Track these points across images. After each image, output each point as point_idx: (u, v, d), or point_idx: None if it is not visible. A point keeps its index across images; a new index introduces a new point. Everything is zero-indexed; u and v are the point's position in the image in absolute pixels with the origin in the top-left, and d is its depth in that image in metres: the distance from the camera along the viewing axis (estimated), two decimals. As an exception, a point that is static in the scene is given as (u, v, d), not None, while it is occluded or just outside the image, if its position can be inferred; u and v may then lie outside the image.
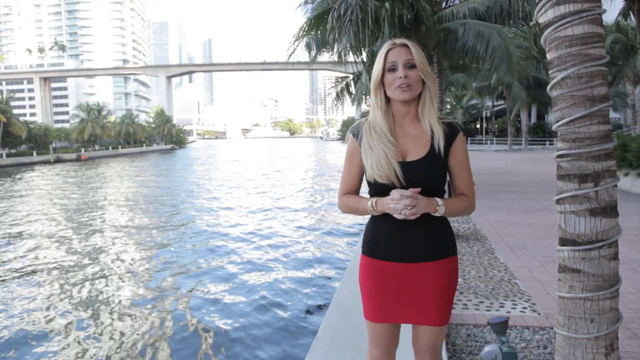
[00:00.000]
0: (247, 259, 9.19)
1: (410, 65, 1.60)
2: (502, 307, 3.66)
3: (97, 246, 10.63)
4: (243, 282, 7.76)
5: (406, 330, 1.81)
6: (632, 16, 15.49)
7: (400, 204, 1.52)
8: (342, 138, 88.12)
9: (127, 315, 6.38)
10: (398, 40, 1.63)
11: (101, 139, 65.25)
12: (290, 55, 11.34)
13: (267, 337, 5.55)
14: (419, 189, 1.55)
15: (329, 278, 7.82)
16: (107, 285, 7.77)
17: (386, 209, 1.57)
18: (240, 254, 9.60)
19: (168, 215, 14.87)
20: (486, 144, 41.46)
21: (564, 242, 1.75)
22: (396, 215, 1.55)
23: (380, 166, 1.60)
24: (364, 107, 23.71)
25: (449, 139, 1.64)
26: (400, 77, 1.59)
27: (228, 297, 7.05)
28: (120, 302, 6.92)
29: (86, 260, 9.38)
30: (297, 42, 11.21)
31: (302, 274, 8.07)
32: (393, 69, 1.61)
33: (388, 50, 1.63)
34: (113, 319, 6.26)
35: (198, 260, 9.20)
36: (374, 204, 1.62)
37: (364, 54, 11.54)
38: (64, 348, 5.43)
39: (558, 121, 1.72)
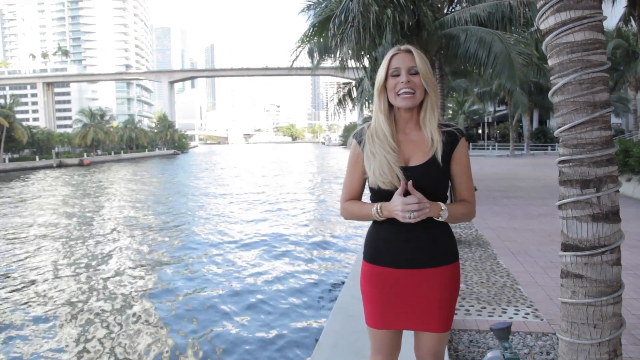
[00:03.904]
0: (248, 264, 9.18)
1: (414, 72, 1.61)
2: (505, 312, 3.66)
3: (97, 250, 10.63)
4: (244, 287, 7.75)
5: (408, 336, 1.81)
6: (633, 22, 15.55)
7: (408, 208, 1.52)
8: (344, 143, 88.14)
9: (127, 323, 6.38)
10: (403, 47, 1.65)
11: (104, 143, 65.48)
12: (293, 62, 11.39)
13: (269, 343, 5.54)
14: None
15: (331, 283, 7.81)
16: (106, 289, 7.77)
17: (393, 213, 1.57)
18: (242, 259, 9.60)
19: (168, 221, 14.88)
20: (488, 149, 41.52)
21: (566, 247, 1.74)
22: (400, 218, 1.55)
23: (383, 173, 1.60)
24: (365, 112, 23.77)
25: (451, 146, 1.64)
26: (402, 82, 1.60)
27: (230, 302, 7.04)
28: (118, 307, 6.92)
29: (85, 266, 9.39)
30: (299, 48, 11.26)
31: (304, 279, 8.05)
32: (396, 75, 1.62)
33: (392, 56, 1.64)
34: (113, 324, 6.26)
35: (197, 267, 9.19)
36: (379, 210, 1.62)
37: (366, 60, 11.56)
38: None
39: (560, 127, 1.73)
